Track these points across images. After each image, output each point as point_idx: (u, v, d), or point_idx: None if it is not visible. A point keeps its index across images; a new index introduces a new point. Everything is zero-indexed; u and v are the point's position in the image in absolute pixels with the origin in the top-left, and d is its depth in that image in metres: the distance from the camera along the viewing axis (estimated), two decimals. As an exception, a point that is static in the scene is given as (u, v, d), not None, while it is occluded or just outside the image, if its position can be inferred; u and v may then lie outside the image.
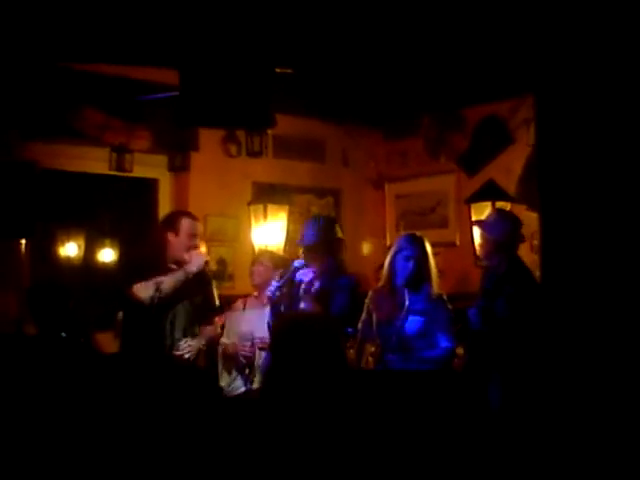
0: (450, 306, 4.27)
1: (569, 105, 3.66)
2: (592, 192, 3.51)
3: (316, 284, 4.23)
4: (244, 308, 4.89)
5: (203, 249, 4.57)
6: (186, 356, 4.05)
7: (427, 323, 4.14)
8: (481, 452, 4.22)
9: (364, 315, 4.21)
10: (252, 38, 4.01)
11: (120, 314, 4.60)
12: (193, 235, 4.24)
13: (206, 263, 4.26)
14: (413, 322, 4.14)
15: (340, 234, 4.39)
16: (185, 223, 4.23)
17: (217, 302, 4.39)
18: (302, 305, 4.15)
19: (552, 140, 3.63)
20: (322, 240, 4.27)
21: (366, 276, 6.42)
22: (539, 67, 3.89)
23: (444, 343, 4.18)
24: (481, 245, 4.88)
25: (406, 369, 4.07)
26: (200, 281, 4.25)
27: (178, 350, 4.07)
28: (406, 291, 4.15)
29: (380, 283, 4.31)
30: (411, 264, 4.16)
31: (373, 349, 4.19)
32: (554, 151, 3.61)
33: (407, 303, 4.10)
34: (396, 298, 4.20)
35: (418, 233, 4.35)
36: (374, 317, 4.19)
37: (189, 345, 4.11)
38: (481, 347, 4.39)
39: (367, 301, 4.27)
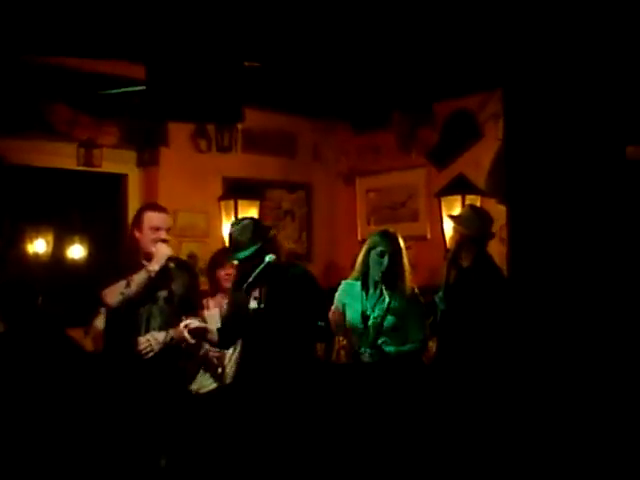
0: (422, 300, 4.29)
1: (537, 99, 3.69)
2: (559, 185, 3.55)
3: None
4: (207, 308, 4.80)
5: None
6: (146, 351, 3.91)
7: (401, 319, 4.15)
8: (450, 441, 4.26)
9: (335, 307, 4.16)
10: (219, 31, 3.99)
11: (97, 319, 4.52)
12: (155, 228, 4.05)
13: (170, 258, 4.04)
14: (388, 318, 4.14)
15: (271, 233, 4.11)
16: (147, 217, 4.07)
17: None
18: (252, 304, 4.07)
19: (519, 134, 3.67)
20: (256, 252, 3.97)
21: (339, 267, 6.45)
22: (507, 62, 3.92)
23: (417, 336, 4.20)
24: (453, 238, 4.92)
25: (378, 362, 4.08)
26: (168, 276, 4.06)
27: (138, 345, 3.94)
28: (383, 287, 4.15)
29: (352, 277, 4.30)
30: (385, 260, 4.15)
31: (344, 342, 4.19)
32: (521, 144, 3.65)
33: (387, 300, 4.10)
34: (370, 294, 4.20)
35: (392, 229, 4.34)
36: (346, 311, 4.17)
37: (147, 340, 3.94)
38: (449, 330, 4.46)
39: (337, 295, 4.26)
